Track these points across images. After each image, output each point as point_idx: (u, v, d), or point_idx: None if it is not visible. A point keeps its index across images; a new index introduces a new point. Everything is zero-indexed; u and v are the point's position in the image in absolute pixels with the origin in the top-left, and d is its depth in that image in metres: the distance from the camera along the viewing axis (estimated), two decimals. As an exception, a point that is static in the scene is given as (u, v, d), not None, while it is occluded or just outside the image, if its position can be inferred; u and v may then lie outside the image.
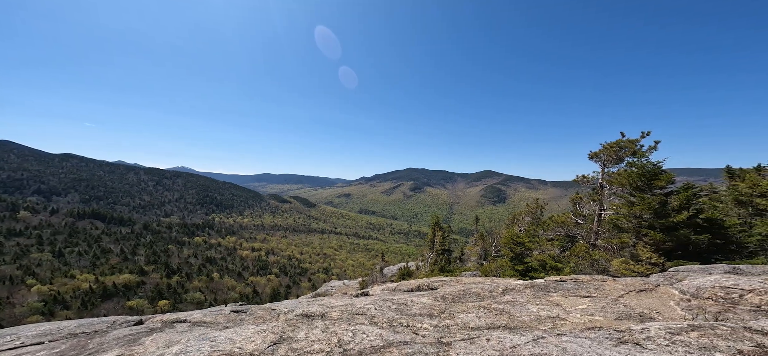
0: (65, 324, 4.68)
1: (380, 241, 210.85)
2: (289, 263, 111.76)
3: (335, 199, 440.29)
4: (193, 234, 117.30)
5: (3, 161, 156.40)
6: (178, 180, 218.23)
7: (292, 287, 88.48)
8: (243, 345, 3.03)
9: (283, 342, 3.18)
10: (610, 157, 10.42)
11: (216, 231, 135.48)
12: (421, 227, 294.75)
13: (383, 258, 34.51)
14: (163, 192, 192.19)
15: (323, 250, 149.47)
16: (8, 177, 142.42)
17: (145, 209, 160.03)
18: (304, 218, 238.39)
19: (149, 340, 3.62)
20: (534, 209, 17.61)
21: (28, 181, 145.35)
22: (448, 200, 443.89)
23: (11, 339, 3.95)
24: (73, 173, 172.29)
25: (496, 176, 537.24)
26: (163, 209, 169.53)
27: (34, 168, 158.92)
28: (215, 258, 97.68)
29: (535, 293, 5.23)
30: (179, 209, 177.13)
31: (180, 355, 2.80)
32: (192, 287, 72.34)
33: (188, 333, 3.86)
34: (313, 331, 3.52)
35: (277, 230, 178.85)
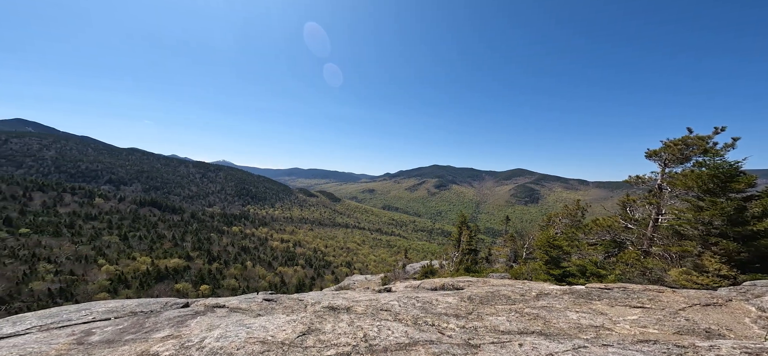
0: (127, 302, 5.29)
1: (403, 238, 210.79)
2: (314, 256, 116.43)
3: (359, 194, 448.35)
4: (231, 224, 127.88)
5: (83, 154, 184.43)
6: (220, 173, 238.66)
7: (316, 279, 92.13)
8: (275, 334, 3.23)
9: (311, 332, 3.32)
10: (672, 156, 9.14)
11: (250, 222, 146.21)
12: (445, 225, 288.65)
13: (406, 255, 34.41)
14: (207, 184, 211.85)
15: (346, 244, 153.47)
16: (87, 168, 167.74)
17: (193, 199, 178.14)
18: (330, 213, 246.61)
19: (194, 323, 3.97)
20: (573, 211, 16.19)
21: (101, 172, 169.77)
22: (475, 198, 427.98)
23: (86, 314, 4.59)
24: (137, 165, 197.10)
25: (529, 174, 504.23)
26: (207, 199, 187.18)
27: (106, 161, 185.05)
28: (249, 247, 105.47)
29: (574, 299, 4.80)
30: (220, 200, 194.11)
31: (220, 339, 3.06)
32: (228, 273, 79.09)
33: (226, 318, 4.17)
34: (340, 324, 3.63)
35: (304, 223, 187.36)
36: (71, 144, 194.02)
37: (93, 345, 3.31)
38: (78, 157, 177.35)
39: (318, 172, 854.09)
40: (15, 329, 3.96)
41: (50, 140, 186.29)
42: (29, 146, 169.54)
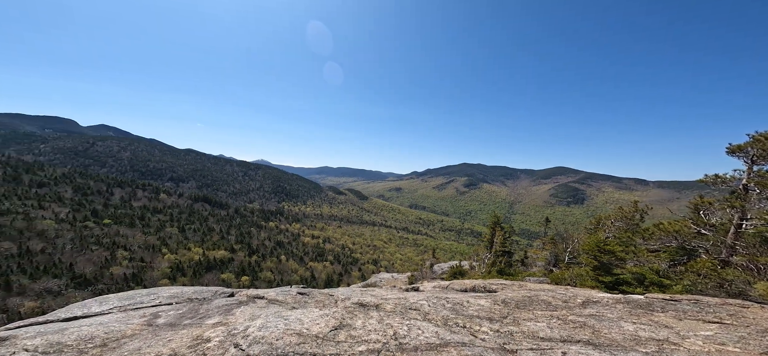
0: (185, 289, 5.94)
1: (430, 237, 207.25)
2: (342, 252, 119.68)
3: (386, 192, 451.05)
4: (268, 219, 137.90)
5: (151, 155, 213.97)
6: (258, 171, 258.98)
7: (344, 275, 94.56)
8: (309, 327, 3.39)
9: (342, 328, 3.44)
10: (763, 151, 7.58)
11: (285, 218, 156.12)
12: (474, 226, 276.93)
13: (434, 255, 33.73)
14: (248, 182, 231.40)
15: (373, 242, 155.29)
16: (154, 167, 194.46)
17: (237, 195, 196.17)
18: (357, 210, 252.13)
19: (239, 311, 4.30)
20: (630, 213, 14.33)
21: (165, 170, 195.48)
22: (508, 198, 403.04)
23: (154, 298, 5.31)
24: (192, 164, 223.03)
25: (571, 173, 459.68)
26: (248, 196, 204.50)
27: (169, 160, 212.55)
28: (283, 242, 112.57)
29: (630, 309, 4.25)
30: (259, 196, 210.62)
31: (262, 329, 3.32)
32: (265, 266, 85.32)
33: (266, 309, 4.46)
34: (370, 321, 3.70)
35: (334, 220, 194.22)
36: (142, 146, 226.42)
37: (159, 327, 3.76)
38: (147, 157, 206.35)
39: (346, 170, 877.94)
40: (101, 308, 4.72)
41: (126, 143, 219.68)
42: (110, 148, 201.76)
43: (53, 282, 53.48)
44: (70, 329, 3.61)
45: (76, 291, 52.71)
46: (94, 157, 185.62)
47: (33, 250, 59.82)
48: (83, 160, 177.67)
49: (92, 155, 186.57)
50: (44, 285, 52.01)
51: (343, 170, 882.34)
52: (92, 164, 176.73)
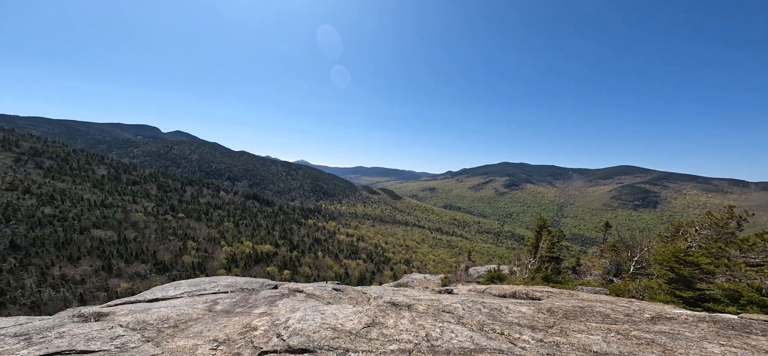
0: (238, 280, 6.56)
1: (465, 239, 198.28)
2: (375, 251, 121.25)
3: (420, 192, 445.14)
4: (307, 217, 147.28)
5: (213, 157, 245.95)
6: (299, 171, 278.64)
7: (376, 273, 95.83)
8: (344, 323, 3.55)
9: (375, 325, 3.52)
10: None
11: (322, 216, 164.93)
12: (515, 228, 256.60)
13: (470, 257, 32.11)
14: (290, 181, 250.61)
15: (406, 242, 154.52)
16: (215, 168, 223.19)
17: (280, 194, 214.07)
18: (390, 210, 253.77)
19: (281, 303, 4.62)
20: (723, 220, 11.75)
21: (223, 171, 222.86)
22: (557, 199, 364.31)
23: (214, 286, 6.01)
24: (244, 165, 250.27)
25: (640, 172, 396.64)
26: (290, 194, 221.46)
27: (226, 161, 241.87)
28: (320, 239, 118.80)
29: (717, 330, 3.49)
30: (299, 195, 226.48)
31: (301, 321, 3.56)
32: (304, 262, 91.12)
33: (304, 302, 4.72)
34: (401, 320, 3.72)
35: (367, 219, 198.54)
36: (206, 149, 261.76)
37: (217, 313, 4.19)
38: (210, 159, 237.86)
39: (380, 170, 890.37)
40: (175, 293, 5.52)
41: (195, 147, 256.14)
42: (183, 151, 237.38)
43: (141, 266, 65.05)
44: (152, 309, 4.26)
45: (157, 276, 63.28)
46: (172, 159, 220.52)
47: (128, 238, 73.69)
48: (164, 162, 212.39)
49: (170, 158, 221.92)
50: (135, 269, 63.58)
51: (377, 169, 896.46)
52: (170, 165, 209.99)
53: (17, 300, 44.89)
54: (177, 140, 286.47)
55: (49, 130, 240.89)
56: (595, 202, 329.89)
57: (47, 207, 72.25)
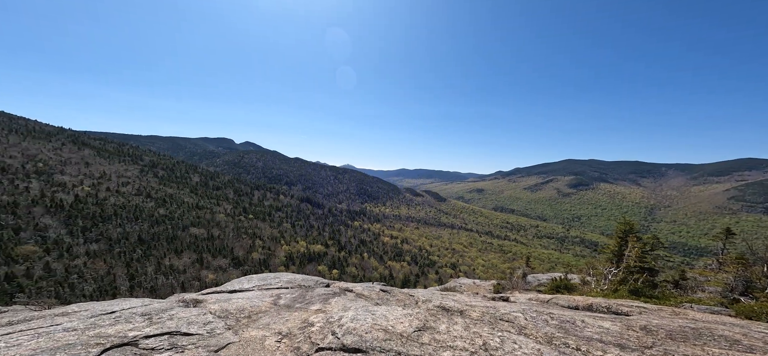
0: (297, 277, 6.79)
1: (520, 243, 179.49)
2: (419, 254, 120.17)
3: (466, 194, 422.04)
4: (354, 219, 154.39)
5: (273, 164, 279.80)
6: (345, 175, 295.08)
7: (421, 276, 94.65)
8: (394, 325, 3.54)
9: (426, 330, 3.42)
10: None
11: (367, 218, 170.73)
12: (585, 233, 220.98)
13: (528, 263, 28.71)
14: (337, 184, 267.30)
15: (452, 245, 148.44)
16: (275, 173, 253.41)
17: (329, 196, 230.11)
18: (435, 212, 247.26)
19: (334, 301, 4.85)
20: None
21: (282, 176, 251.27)
22: (646, 201, 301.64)
23: (277, 281, 6.31)
24: (299, 170, 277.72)
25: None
26: (338, 197, 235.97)
27: (284, 167, 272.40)
28: (366, 241, 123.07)
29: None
30: (346, 198, 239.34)
31: (353, 321, 3.64)
32: (351, 262, 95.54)
33: (355, 302, 4.87)
34: (454, 326, 3.54)
35: (411, 221, 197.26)
36: (268, 157, 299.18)
37: (280, 307, 4.55)
38: (271, 166, 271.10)
39: (423, 172, 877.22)
40: (249, 286, 5.95)
41: (260, 155, 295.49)
42: (251, 160, 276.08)
43: (223, 260, 77.82)
44: (232, 299, 4.77)
45: (234, 269, 74.76)
46: (243, 167, 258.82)
47: (214, 236, 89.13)
48: (237, 169, 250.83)
49: (242, 165, 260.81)
50: (219, 262, 76.40)
51: (420, 171, 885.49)
52: (242, 172, 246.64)
53: (142, 284, 58.68)
54: (247, 150, 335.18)
55: (161, 145, 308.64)
56: (703, 204, 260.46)
57: (161, 208, 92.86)
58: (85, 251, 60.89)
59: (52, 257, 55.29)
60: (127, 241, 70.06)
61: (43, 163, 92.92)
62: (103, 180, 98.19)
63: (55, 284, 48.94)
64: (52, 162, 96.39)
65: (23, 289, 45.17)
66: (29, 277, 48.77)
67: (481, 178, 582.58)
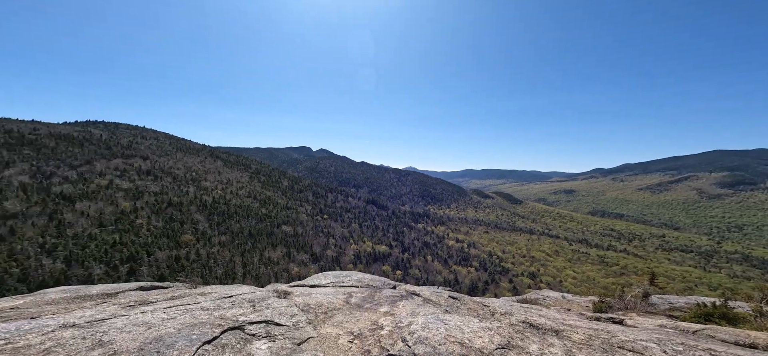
0: (366, 276, 6.81)
1: (634, 256, 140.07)
2: (489, 259, 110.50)
3: (549, 195, 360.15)
4: (417, 221, 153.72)
5: (343, 168, 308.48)
6: (408, 177, 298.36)
7: (490, 284, 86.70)
8: (471, 339, 3.17)
9: (511, 348, 2.98)
10: None
11: (431, 220, 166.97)
12: (751, 249, 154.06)
13: (653, 281, 21.75)
14: (400, 186, 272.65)
15: (530, 252, 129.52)
16: (345, 177, 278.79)
17: (393, 198, 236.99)
18: (508, 215, 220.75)
19: (401, 305, 4.66)
20: None
21: (350, 179, 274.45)
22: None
23: (348, 280, 6.45)
24: (365, 173, 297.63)
25: None
26: (401, 199, 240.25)
27: (352, 171, 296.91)
28: (429, 243, 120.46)
29: None
30: (409, 200, 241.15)
31: (425, 329, 3.39)
32: (414, 264, 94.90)
33: (423, 307, 4.62)
34: (550, 349, 3.00)
35: (479, 225, 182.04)
36: (339, 162, 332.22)
37: (352, 305, 4.59)
38: (341, 170, 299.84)
39: (492, 172, 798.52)
40: (325, 281, 6.18)
41: (332, 161, 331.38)
42: (325, 165, 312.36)
43: (304, 256, 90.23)
44: (313, 294, 5.00)
45: (312, 265, 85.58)
46: (319, 172, 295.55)
47: (298, 233, 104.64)
48: (315, 174, 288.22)
49: (318, 171, 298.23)
50: (301, 257, 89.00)
51: (489, 171, 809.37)
52: (318, 177, 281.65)
53: (250, 271, 73.99)
54: (321, 157, 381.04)
55: (261, 155, 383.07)
56: None
57: (263, 208, 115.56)
58: (218, 241, 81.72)
59: (200, 245, 76.52)
60: (242, 235, 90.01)
61: (195, 172, 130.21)
62: (228, 185, 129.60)
63: (200, 266, 67.41)
64: (200, 172, 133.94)
65: (184, 268, 64.01)
66: (187, 259, 68.73)
67: (571, 177, 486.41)
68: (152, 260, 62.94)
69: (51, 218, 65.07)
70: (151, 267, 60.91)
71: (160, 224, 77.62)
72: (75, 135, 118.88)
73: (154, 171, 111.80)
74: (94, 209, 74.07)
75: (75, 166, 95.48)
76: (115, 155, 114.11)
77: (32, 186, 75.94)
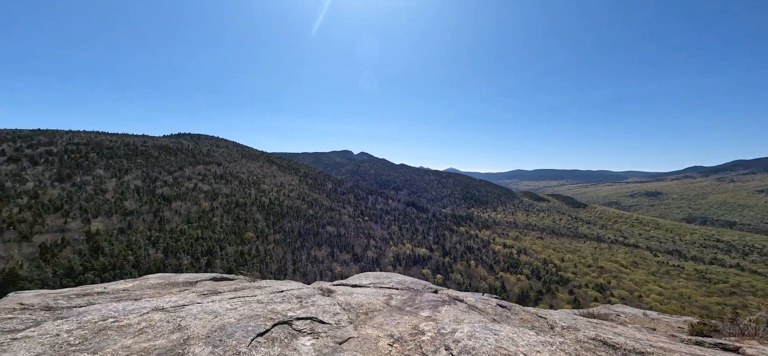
0: (406, 279, 6.75)
1: (751, 273, 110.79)
2: (543, 268, 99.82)
3: (624, 199, 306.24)
4: (459, 224, 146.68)
5: (383, 171, 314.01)
6: (449, 179, 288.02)
7: (545, 294, 78.43)
8: (527, 353, 2.84)
9: None
10: None
11: (474, 223, 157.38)
12: None
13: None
14: (441, 189, 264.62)
15: (598, 262, 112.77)
16: (384, 179, 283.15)
17: (433, 201, 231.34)
18: (568, 220, 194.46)
19: (444, 310, 4.42)
20: None
21: (390, 182, 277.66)
22: None
23: (389, 281, 6.37)
24: (404, 175, 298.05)
25: None
26: (442, 202, 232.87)
27: (391, 174, 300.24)
28: (473, 248, 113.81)
29: None
30: (450, 202, 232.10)
31: (472, 338, 3.10)
32: (455, 269, 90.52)
33: (468, 314, 4.31)
34: None
35: (531, 230, 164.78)
36: (379, 165, 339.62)
37: (392, 307, 4.50)
38: (381, 172, 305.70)
39: (547, 172, 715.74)
40: (366, 282, 6.22)
41: (372, 164, 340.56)
42: (365, 168, 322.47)
43: (346, 256, 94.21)
44: (354, 293, 5.06)
45: (353, 264, 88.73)
46: (360, 174, 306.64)
47: (341, 233, 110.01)
48: (356, 177, 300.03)
49: (359, 173, 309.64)
50: (343, 257, 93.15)
51: (542, 172, 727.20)
52: (359, 180, 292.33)
53: (299, 268, 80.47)
54: (362, 160, 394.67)
55: (307, 160, 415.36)
56: None
57: (310, 209, 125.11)
58: (273, 239, 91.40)
59: (259, 242, 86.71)
60: (293, 234, 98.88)
61: (256, 176, 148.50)
62: (281, 188, 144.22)
63: (259, 262, 76.17)
64: (259, 176, 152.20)
65: (247, 262, 73.16)
66: (249, 255, 78.47)
67: (655, 177, 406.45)
68: (223, 254, 73.55)
69: (155, 215, 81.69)
70: (222, 260, 71.24)
71: (230, 222, 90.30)
72: (170, 146, 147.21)
73: (225, 176, 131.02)
74: (183, 208, 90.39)
75: (171, 171, 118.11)
76: (198, 162, 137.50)
77: (143, 189, 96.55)
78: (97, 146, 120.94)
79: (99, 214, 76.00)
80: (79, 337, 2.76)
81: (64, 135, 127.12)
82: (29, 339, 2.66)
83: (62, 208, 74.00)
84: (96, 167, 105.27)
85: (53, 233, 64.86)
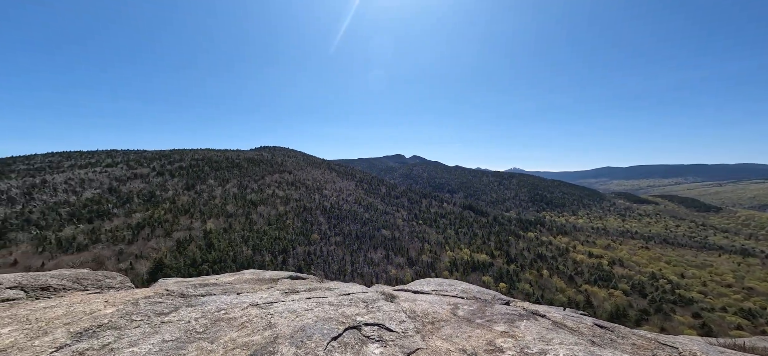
0: (472, 287, 6.32)
1: None
2: (650, 283, 79.65)
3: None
4: (527, 229, 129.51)
5: (436, 173, 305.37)
6: (512, 180, 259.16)
7: (652, 315, 63.79)
8: None
9: None
10: None
11: (547, 229, 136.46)
12: None
13: None
14: (503, 191, 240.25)
15: (745, 282, 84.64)
16: (438, 182, 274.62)
17: (494, 204, 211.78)
18: (689, 227, 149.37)
19: (523, 326, 3.91)
20: None
21: (444, 184, 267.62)
22: None
23: (452, 289, 5.97)
24: (459, 178, 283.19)
25: None
26: (504, 204, 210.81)
27: (445, 177, 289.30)
28: (546, 256, 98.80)
29: None
30: (515, 205, 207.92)
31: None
32: (523, 277, 79.59)
33: (555, 333, 3.71)
34: None
35: (630, 237, 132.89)
36: (432, 168, 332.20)
37: (460, 318, 4.18)
38: (435, 175, 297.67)
39: (650, 169, 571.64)
40: (427, 289, 5.99)
41: (424, 167, 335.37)
42: (418, 171, 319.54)
43: (401, 259, 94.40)
44: (417, 300, 4.91)
45: (408, 268, 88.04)
46: (413, 178, 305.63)
47: (395, 237, 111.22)
48: (409, 181, 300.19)
49: (412, 177, 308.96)
50: (398, 260, 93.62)
51: (641, 168, 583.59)
52: (412, 183, 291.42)
53: (356, 270, 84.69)
54: (414, 163, 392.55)
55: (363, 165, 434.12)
56: None
57: (366, 213, 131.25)
58: (334, 241, 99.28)
59: (322, 243, 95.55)
60: (351, 236, 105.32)
61: (319, 182, 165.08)
62: (340, 193, 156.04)
63: (322, 262, 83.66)
64: (321, 182, 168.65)
65: (313, 262, 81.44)
66: (315, 255, 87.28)
67: None
68: (295, 253, 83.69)
69: (246, 217, 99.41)
70: (294, 258, 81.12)
71: (299, 225, 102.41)
72: (255, 157, 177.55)
73: (295, 183, 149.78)
74: (265, 211, 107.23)
75: (256, 180, 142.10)
76: (275, 171, 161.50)
77: (238, 195, 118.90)
78: (208, 161, 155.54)
79: (211, 215, 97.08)
80: (202, 325, 3.33)
81: (189, 153, 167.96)
82: (172, 324, 3.33)
83: (189, 211, 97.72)
84: (208, 177, 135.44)
85: (184, 230, 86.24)
